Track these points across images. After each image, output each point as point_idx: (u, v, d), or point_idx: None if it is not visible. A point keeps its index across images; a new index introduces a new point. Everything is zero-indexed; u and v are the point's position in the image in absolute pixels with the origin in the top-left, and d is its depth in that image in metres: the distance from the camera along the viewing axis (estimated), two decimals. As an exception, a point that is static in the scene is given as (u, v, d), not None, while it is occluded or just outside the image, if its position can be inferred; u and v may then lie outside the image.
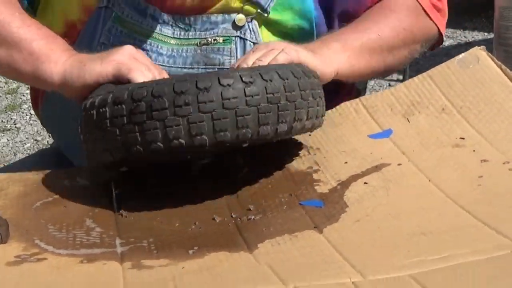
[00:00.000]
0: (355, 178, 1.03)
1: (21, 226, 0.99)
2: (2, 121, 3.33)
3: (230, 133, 0.95)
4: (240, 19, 1.20)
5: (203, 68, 1.20)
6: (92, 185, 1.07)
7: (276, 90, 0.97)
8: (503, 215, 0.90)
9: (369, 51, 1.19)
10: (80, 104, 1.09)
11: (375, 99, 1.20)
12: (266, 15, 1.20)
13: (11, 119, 3.34)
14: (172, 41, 1.19)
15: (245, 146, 0.98)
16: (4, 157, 3.09)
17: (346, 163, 1.07)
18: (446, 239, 0.87)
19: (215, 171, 1.09)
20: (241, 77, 0.96)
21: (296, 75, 0.99)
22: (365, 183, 1.02)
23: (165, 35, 1.19)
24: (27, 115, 3.36)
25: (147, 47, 1.19)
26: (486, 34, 3.36)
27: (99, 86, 1.05)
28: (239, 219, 0.98)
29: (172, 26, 1.19)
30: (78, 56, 1.11)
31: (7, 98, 3.47)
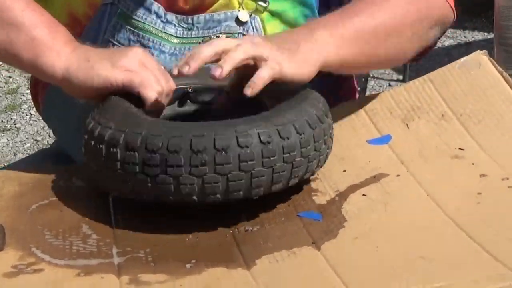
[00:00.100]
0: (353, 189, 1.03)
1: (17, 231, 0.98)
2: (2, 121, 3.30)
3: (243, 193, 0.95)
4: (243, 15, 1.18)
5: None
6: (88, 187, 1.05)
7: (292, 149, 0.95)
8: (502, 239, 0.90)
9: (363, 37, 1.08)
10: (80, 100, 1.08)
11: (374, 102, 1.19)
12: (265, 5, 1.19)
13: (11, 119, 3.31)
14: (175, 40, 1.18)
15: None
16: (4, 157, 3.07)
17: (345, 171, 1.06)
18: (445, 266, 0.87)
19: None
20: (259, 136, 0.93)
21: (312, 125, 0.97)
22: (363, 195, 1.01)
23: (168, 33, 1.18)
24: (27, 115, 3.32)
25: (150, 44, 1.18)
26: (486, 34, 3.34)
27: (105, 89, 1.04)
28: (236, 229, 0.97)
29: (175, 26, 1.18)
30: (83, 51, 1.06)
31: (7, 98, 3.43)
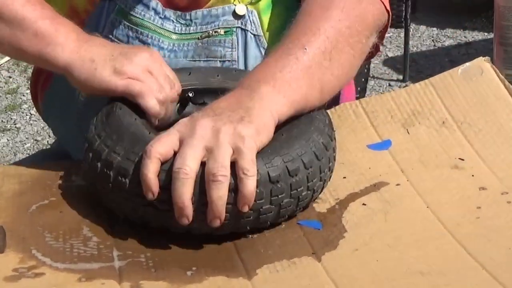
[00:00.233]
0: (353, 197, 1.03)
1: (17, 232, 0.98)
2: (2, 121, 3.27)
3: (250, 227, 0.96)
4: (240, 8, 1.18)
5: (204, 61, 1.19)
6: (88, 186, 1.05)
7: (300, 185, 0.95)
8: (501, 257, 0.91)
9: (306, 73, 1.02)
10: (82, 94, 1.08)
11: (375, 103, 1.19)
12: None
13: (11, 119, 3.28)
14: (173, 36, 1.18)
15: None
16: (4, 157, 3.06)
17: (345, 178, 1.07)
18: (444, 283, 0.88)
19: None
20: (269, 174, 0.93)
21: (318, 157, 0.97)
22: (363, 204, 1.02)
23: (166, 29, 1.18)
24: (27, 115, 3.30)
25: (149, 40, 1.17)
26: (486, 34, 3.32)
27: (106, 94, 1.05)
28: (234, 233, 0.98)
29: (173, 22, 1.18)
30: (89, 47, 1.06)
31: (7, 98, 3.40)
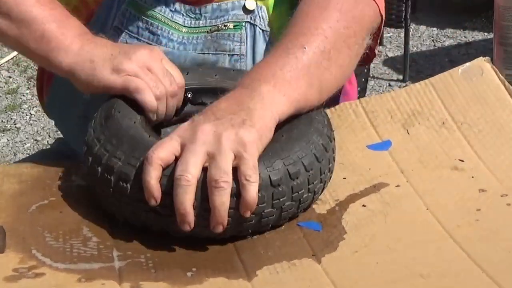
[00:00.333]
0: (353, 198, 1.03)
1: (17, 232, 0.98)
2: (2, 121, 3.26)
3: (251, 229, 0.96)
4: (250, 3, 1.19)
5: (213, 54, 1.20)
6: (88, 186, 1.05)
7: (301, 188, 0.95)
8: (500, 259, 0.92)
9: (306, 74, 1.03)
10: (84, 95, 1.09)
11: (375, 103, 1.19)
12: None
13: (11, 119, 3.28)
14: (183, 29, 1.19)
15: None
16: (4, 157, 3.06)
17: (345, 178, 1.07)
18: (444, 285, 0.88)
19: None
20: (270, 178, 0.93)
21: (319, 159, 0.97)
22: (363, 205, 1.02)
23: (176, 22, 1.19)
24: (27, 115, 3.29)
25: (159, 32, 1.19)
26: (486, 34, 3.32)
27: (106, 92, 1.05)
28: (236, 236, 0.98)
29: (183, 15, 1.19)
30: (90, 50, 1.07)
31: (7, 98, 3.40)
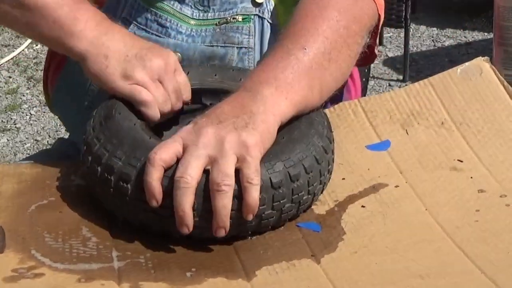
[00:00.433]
0: (352, 199, 1.03)
1: (16, 232, 0.98)
2: (2, 121, 3.26)
3: (251, 231, 0.96)
4: None
5: (222, 46, 1.20)
6: (87, 186, 1.05)
7: (301, 190, 0.96)
8: (499, 260, 0.92)
9: (307, 76, 1.04)
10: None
11: (374, 103, 1.19)
12: None
13: (11, 119, 3.28)
14: (192, 22, 1.20)
15: None
16: (4, 157, 3.06)
17: (344, 179, 1.07)
18: (443, 286, 0.88)
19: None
20: (271, 180, 0.93)
21: (319, 161, 0.98)
22: (362, 206, 1.02)
23: (185, 14, 1.20)
24: (27, 115, 3.29)
25: (167, 24, 1.19)
26: (486, 34, 3.33)
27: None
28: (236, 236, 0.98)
29: (191, 7, 1.20)
30: (105, 42, 1.06)
31: (7, 98, 3.39)
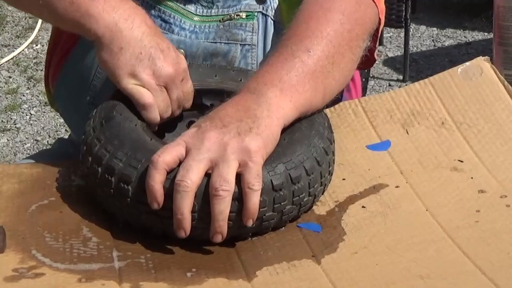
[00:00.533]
0: (352, 199, 1.03)
1: (17, 232, 0.98)
2: (2, 121, 3.26)
3: (251, 232, 0.96)
4: None
5: (225, 43, 1.20)
6: (87, 186, 1.05)
7: (302, 192, 0.96)
8: (499, 260, 0.92)
9: (311, 79, 1.04)
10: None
11: (374, 102, 1.19)
12: None
13: (11, 119, 3.28)
14: (195, 18, 1.20)
15: None
16: (4, 157, 3.06)
17: (344, 179, 1.07)
18: (443, 287, 0.88)
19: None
20: (272, 183, 0.94)
21: (320, 162, 0.98)
22: (363, 207, 1.02)
23: (188, 11, 1.20)
24: (27, 115, 3.29)
25: (171, 20, 1.20)
26: (486, 34, 3.33)
27: None
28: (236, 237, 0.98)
29: (195, 4, 1.20)
30: (125, 32, 1.04)
31: (7, 98, 3.39)
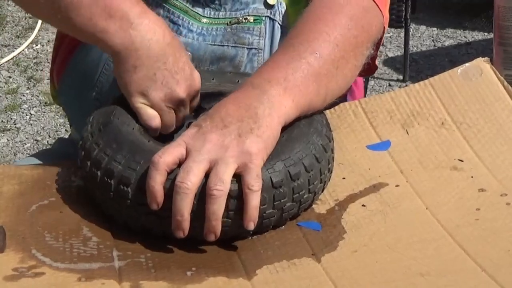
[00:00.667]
0: (353, 198, 1.03)
1: (17, 232, 0.98)
2: (2, 121, 3.27)
3: (252, 231, 0.96)
4: None
5: (232, 46, 1.20)
6: (86, 190, 1.05)
7: (301, 189, 0.96)
8: (500, 258, 0.92)
9: (315, 81, 1.05)
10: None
11: (374, 103, 1.19)
12: None
13: (11, 119, 3.28)
14: (203, 20, 1.20)
15: None
16: (4, 157, 3.06)
17: (344, 178, 1.07)
18: (443, 284, 0.88)
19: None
20: (271, 180, 0.94)
21: (319, 159, 0.98)
22: (363, 205, 1.02)
23: (196, 13, 1.20)
24: (27, 115, 3.30)
25: (179, 21, 1.20)
26: (486, 34, 3.34)
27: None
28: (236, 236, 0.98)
29: (203, 5, 1.20)
30: (141, 51, 1.04)
31: (7, 98, 3.40)
